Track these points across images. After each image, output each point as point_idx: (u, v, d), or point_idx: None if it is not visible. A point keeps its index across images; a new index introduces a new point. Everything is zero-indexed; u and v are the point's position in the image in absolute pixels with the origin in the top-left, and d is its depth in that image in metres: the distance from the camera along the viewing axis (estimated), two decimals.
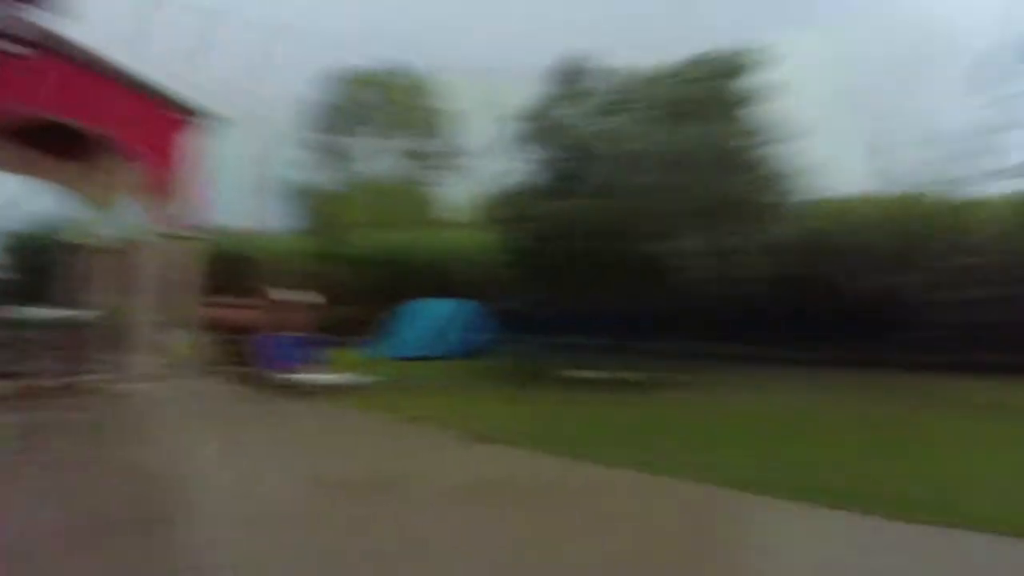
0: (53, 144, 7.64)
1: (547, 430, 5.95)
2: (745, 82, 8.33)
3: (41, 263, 10.41)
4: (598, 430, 6.08)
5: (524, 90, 9.56)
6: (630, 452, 5.15)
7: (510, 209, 8.92)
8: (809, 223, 9.85)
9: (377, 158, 30.54)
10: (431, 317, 11.51)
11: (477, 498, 4.03)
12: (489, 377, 9.16)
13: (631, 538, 3.29)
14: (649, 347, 12.20)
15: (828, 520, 3.69)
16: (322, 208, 24.76)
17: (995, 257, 7.60)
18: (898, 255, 8.17)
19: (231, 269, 12.04)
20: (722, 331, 11.56)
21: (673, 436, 5.90)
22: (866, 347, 9.60)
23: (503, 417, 6.43)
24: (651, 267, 7.73)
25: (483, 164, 28.50)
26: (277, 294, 8.82)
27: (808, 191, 9.04)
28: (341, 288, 13.28)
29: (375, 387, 7.98)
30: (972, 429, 6.30)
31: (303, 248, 15.10)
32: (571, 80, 9.06)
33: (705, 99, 8.20)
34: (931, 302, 7.57)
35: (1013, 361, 8.90)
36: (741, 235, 8.19)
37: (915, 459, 5.22)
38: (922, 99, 8.43)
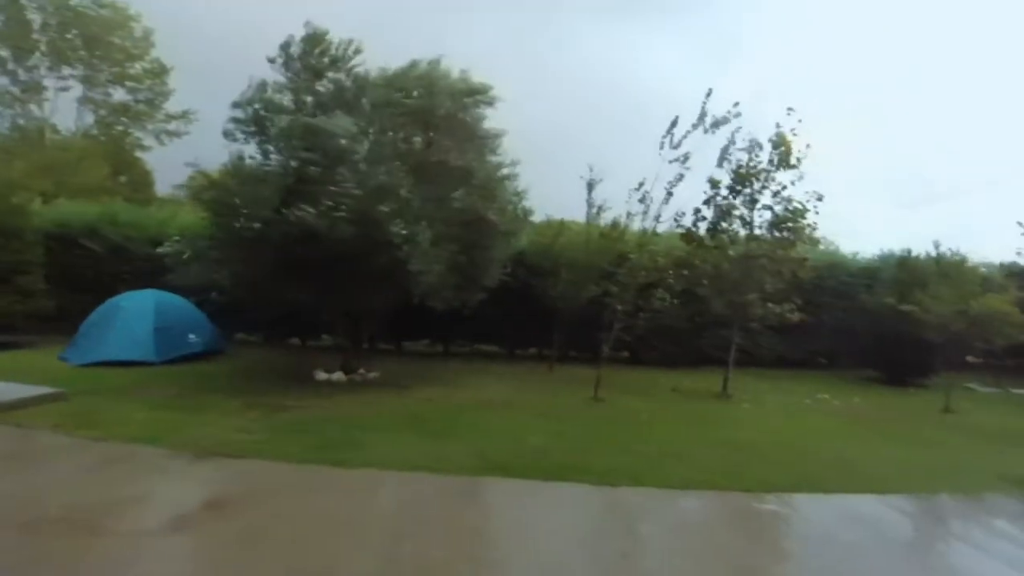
0: None
1: (278, 437, 5.75)
2: (475, 106, 8.82)
3: None
4: (339, 431, 6.06)
5: (252, 59, 8.67)
6: (365, 452, 5.42)
7: (225, 194, 7.71)
8: (537, 239, 11.76)
9: (59, 103, 24.19)
10: (141, 312, 9.72)
11: (188, 523, 3.77)
12: (214, 383, 8.30)
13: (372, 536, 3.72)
14: (390, 347, 12.52)
15: (552, 492, 4.66)
16: None
17: (667, 277, 9.64)
18: (606, 271, 9.73)
19: None
20: (459, 332, 12.47)
21: (409, 431, 6.34)
22: (584, 344, 11.40)
23: (230, 428, 6.01)
24: (386, 272, 7.72)
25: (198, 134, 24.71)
26: None
27: (534, 214, 10.60)
28: (18, 272, 10.74)
29: (72, 399, 6.65)
30: (658, 409, 8.06)
31: None
32: (302, 62, 8.44)
33: (437, 114, 8.49)
34: (628, 310, 9.12)
35: (683, 354, 12.34)
36: (477, 247, 8.83)
37: (616, 437, 6.51)
38: (628, 150, 10.51)
